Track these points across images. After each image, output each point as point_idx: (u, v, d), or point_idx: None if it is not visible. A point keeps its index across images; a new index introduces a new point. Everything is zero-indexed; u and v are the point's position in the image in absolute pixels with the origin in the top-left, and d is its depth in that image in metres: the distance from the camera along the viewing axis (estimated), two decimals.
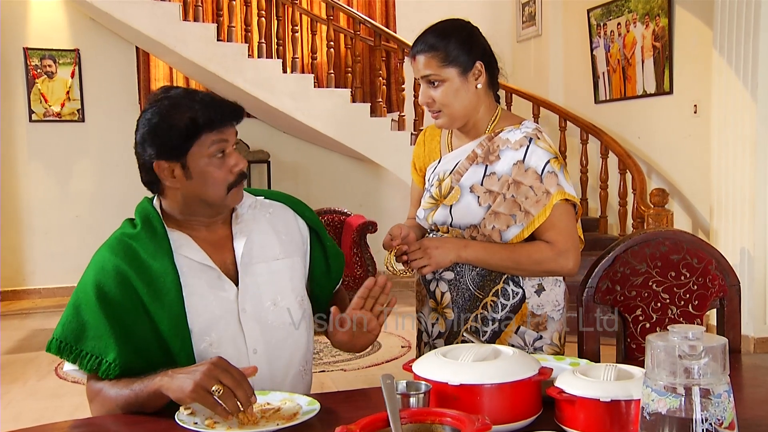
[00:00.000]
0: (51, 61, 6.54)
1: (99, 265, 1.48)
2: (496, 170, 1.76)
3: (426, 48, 1.73)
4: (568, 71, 6.64)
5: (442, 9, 6.83)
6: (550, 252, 1.72)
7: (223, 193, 1.50)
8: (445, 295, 1.82)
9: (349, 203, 6.82)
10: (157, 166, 1.48)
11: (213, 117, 1.46)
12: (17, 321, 5.76)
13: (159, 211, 1.54)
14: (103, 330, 1.42)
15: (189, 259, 1.51)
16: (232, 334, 1.51)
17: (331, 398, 1.47)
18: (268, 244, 1.60)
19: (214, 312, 1.50)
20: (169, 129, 1.45)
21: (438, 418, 1.11)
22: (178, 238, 1.52)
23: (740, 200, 4.49)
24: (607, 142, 5.36)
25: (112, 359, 1.41)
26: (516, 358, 1.28)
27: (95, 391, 1.45)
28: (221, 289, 1.52)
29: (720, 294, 1.87)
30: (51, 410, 3.63)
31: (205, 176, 1.48)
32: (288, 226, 1.66)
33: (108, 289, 1.44)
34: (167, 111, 1.46)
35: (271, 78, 5.64)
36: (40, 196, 6.60)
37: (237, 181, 1.52)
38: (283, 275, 1.59)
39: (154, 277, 1.46)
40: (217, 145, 1.47)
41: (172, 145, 1.45)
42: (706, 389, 0.96)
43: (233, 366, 1.30)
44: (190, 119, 1.44)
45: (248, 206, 1.62)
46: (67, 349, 1.45)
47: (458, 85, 1.73)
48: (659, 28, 5.33)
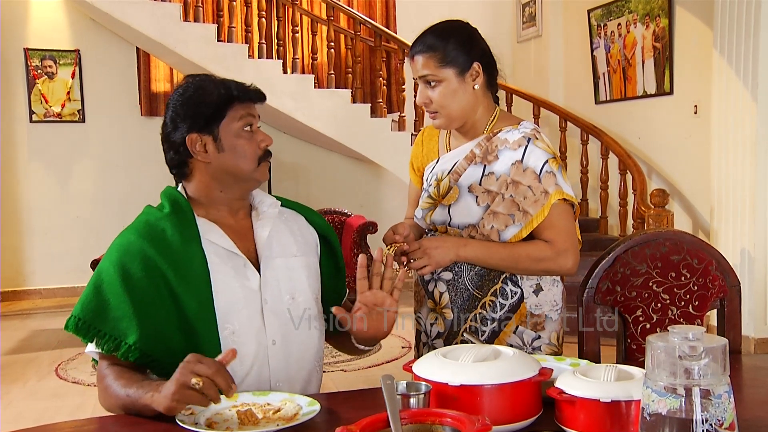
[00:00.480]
0: (51, 61, 6.54)
1: (124, 248, 1.48)
2: (495, 170, 1.76)
3: (424, 48, 1.74)
4: (568, 72, 6.64)
5: (443, 9, 6.84)
6: (549, 251, 1.72)
7: (254, 166, 1.55)
8: (443, 296, 1.82)
9: (350, 204, 6.82)
10: (189, 141, 1.53)
11: (244, 91, 1.55)
12: (17, 321, 5.76)
13: (185, 197, 1.58)
14: (124, 311, 1.42)
15: (216, 245, 1.52)
16: (254, 324, 1.52)
17: (332, 399, 1.47)
18: (286, 242, 1.63)
19: (238, 299, 1.51)
20: (202, 100, 1.52)
21: (438, 418, 1.11)
22: (205, 224, 1.54)
23: (740, 201, 4.49)
24: (608, 143, 5.36)
25: (132, 342, 1.40)
26: (516, 359, 1.29)
27: (102, 378, 1.44)
28: (245, 277, 1.54)
29: (720, 294, 1.87)
30: (51, 411, 3.63)
31: (235, 149, 1.53)
32: (301, 230, 1.69)
33: (133, 271, 1.44)
34: (200, 84, 1.55)
35: (271, 78, 5.64)
36: (41, 197, 6.60)
37: (265, 156, 1.57)
38: (300, 272, 1.61)
39: (183, 260, 1.47)
40: (245, 119, 1.54)
41: (204, 115, 1.52)
42: (706, 390, 0.96)
43: (207, 357, 1.29)
44: (222, 91, 1.53)
45: (269, 205, 1.65)
46: (85, 327, 1.43)
47: (455, 86, 1.74)
48: (659, 29, 5.33)
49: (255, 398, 1.39)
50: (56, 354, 4.70)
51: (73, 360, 4.55)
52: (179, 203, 1.54)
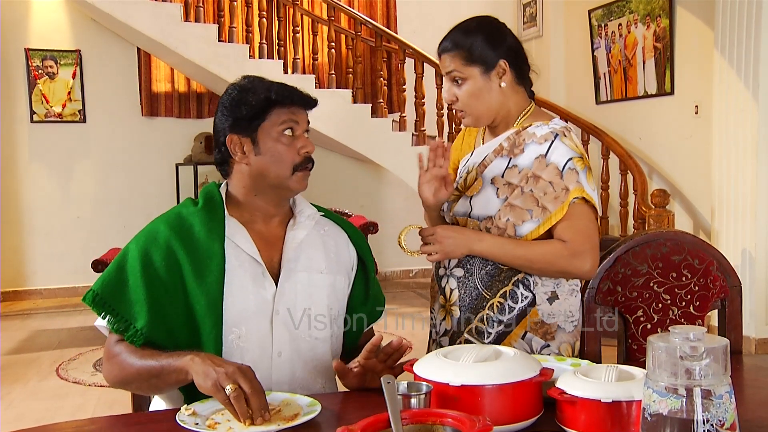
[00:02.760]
0: (52, 61, 6.54)
1: (152, 235, 1.52)
2: (518, 163, 1.74)
3: (450, 46, 1.74)
4: (569, 72, 6.64)
5: (444, 10, 6.85)
6: (565, 251, 1.67)
7: (288, 173, 1.55)
8: (453, 292, 1.79)
9: (351, 204, 6.82)
10: (229, 140, 1.55)
11: (286, 95, 1.55)
12: (18, 321, 5.76)
13: (223, 196, 1.59)
14: (139, 296, 1.45)
15: (239, 249, 1.53)
16: (261, 333, 1.52)
17: (333, 399, 1.47)
18: (315, 257, 1.61)
19: (249, 306, 1.51)
20: (244, 102, 1.54)
21: (439, 418, 1.11)
22: (234, 226, 1.55)
23: (741, 201, 4.49)
24: (608, 143, 5.36)
25: (140, 326, 1.43)
26: (517, 359, 1.28)
27: (114, 353, 1.47)
28: (262, 286, 1.53)
29: (721, 295, 1.86)
30: (52, 411, 3.63)
31: (273, 153, 1.53)
32: (338, 246, 1.67)
33: (155, 259, 1.48)
34: (247, 86, 1.57)
35: (272, 78, 5.63)
36: (42, 197, 6.60)
37: (303, 164, 1.56)
38: (322, 290, 1.60)
39: (202, 256, 1.49)
40: (287, 123, 1.54)
41: (245, 117, 1.53)
42: (707, 390, 0.96)
43: (257, 379, 1.30)
44: (265, 94, 1.54)
45: (307, 216, 1.64)
46: (101, 303, 1.47)
47: (481, 84, 1.73)
48: (660, 29, 5.33)
49: None
50: (57, 354, 4.70)
51: (74, 360, 4.55)
52: (213, 200, 1.56)
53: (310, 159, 1.58)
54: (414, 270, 7.34)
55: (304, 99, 1.58)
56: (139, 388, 1.50)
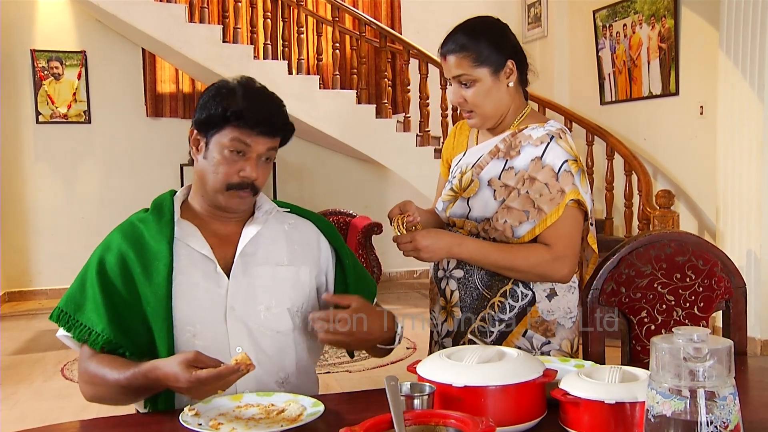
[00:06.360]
0: (58, 62, 6.56)
1: (106, 245, 1.57)
2: (515, 165, 1.74)
3: (457, 48, 1.72)
4: (573, 72, 6.63)
5: (448, 10, 6.84)
6: (547, 255, 1.68)
7: (221, 188, 1.54)
8: (454, 294, 1.80)
9: (355, 204, 6.82)
10: (191, 132, 1.58)
11: (247, 117, 1.49)
12: (23, 322, 5.78)
13: (174, 201, 1.61)
14: (97, 303, 1.50)
15: (190, 248, 1.55)
16: (216, 329, 1.52)
17: (336, 400, 1.47)
18: (276, 251, 1.61)
19: (202, 303, 1.52)
20: (208, 107, 1.53)
21: (442, 419, 1.11)
22: (186, 227, 1.57)
23: (746, 202, 4.47)
24: (613, 144, 5.35)
25: (100, 330, 1.48)
26: (520, 360, 1.28)
27: (86, 373, 1.51)
28: (215, 283, 1.54)
29: (726, 296, 1.86)
30: (57, 411, 3.64)
31: (214, 163, 1.53)
32: (305, 239, 1.66)
33: (108, 268, 1.53)
34: (222, 91, 1.53)
35: (276, 79, 5.63)
36: (47, 198, 6.63)
37: (238, 185, 1.53)
38: (284, 282, 1.59)
39: (150, 258, 1.52)
40: (235, 144, 1.51)
41: (204, 120, 1.53)
42: (711, 392, 0.96)
43: (202, 359, 1.33)
44: (225, 108, 1.50)
45: (265, 211, 1.64)
46: (65, 318, 1.53)
47: (490, 85, 1.72)
48: (665, 30, 5.32)
49: (259, 399, 1.40)
50: (62, 354, 4.71)
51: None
52: (161, 205, 1.60)
53: (248, 185, 1.53)
54: (418, 271, 7.34)
55: (267, 126, 1.52)
56: (117, 402, 1.54)
